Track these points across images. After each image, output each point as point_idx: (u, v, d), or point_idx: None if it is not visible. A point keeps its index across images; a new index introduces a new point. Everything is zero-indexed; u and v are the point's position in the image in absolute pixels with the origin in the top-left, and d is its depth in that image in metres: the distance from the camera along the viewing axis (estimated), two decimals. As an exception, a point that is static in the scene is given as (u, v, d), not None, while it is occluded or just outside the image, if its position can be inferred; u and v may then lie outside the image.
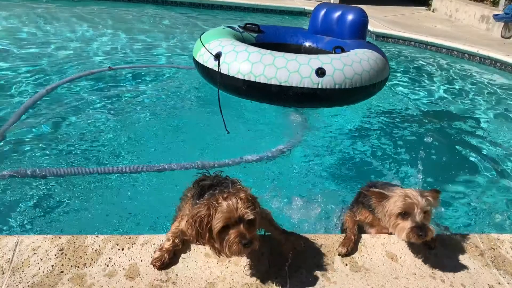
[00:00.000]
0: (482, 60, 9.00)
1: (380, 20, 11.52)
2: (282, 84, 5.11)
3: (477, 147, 5.25)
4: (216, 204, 1.92)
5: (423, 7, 14.81)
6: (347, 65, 5.28)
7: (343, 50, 5.77)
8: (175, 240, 2.26)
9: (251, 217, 1.93)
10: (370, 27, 10.41)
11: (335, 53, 5.72)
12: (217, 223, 1.90)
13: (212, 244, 1.97)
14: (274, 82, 5.12)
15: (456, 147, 5.22)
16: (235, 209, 1.90)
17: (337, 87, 5.18)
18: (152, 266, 2.18)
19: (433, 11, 14.23)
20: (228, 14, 11.95)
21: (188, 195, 2.32)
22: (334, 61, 5.25)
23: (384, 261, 2.38)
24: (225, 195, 1.95)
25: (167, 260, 2.19)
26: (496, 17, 10.83)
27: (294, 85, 5.10)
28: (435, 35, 10.25)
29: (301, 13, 12.44)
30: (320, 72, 5.10)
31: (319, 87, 5.12)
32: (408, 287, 2.21)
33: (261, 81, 5.14)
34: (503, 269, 2.37)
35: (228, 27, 6.45)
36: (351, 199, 2.96)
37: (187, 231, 2.07)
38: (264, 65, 5.13)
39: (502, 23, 10.84)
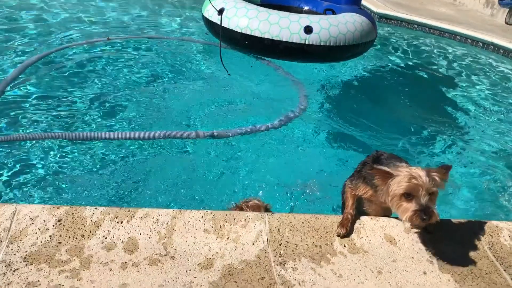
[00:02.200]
0: (486, 46, 8.91)
1: (383, 1, 11.33)
2: (274, 38, 5.75)
3: (475, 131, 5.28)
4: (247, 206, 2.79)
5: (428, -10, 14.58)
6: (333, 25, 5.85)
7: (334, 13, 6.37)
8: None
9: (270, 207, 2.90)
10: (373, 8, 10.30)
11: (325, 14, 6.36)
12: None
13: None
14: (267, 36, 5.75)
15: (455, 129, 5.26)
16: (263, 205, 2.83)
17: (322, 44, 5.79)
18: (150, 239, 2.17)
19: (437, -6, 14.01)
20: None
21: None
22: (322, 21, 5.85)
23: (383, 243, 2.38)
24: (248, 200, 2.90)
25: None
26: (502, 2, 10.68)
27: (284, 39, 5.73)
28: (439, 19, 10.12)
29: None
30: (308, 30, 5.70)
31: (306, 42, 5.74)
32: (405, 270, 2.22)
33: (256, 35, 5.80)
34: (500, 256, 2.39)
35: None
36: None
37: None
38: (259, 21, 5.77)
39: (507, 9, 10.71)
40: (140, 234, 2.21)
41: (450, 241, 2.44)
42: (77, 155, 3.76)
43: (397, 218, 2.46)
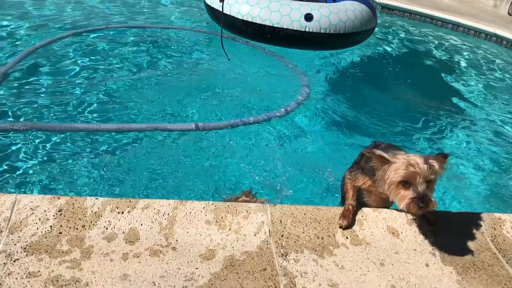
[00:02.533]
0: (488, 37, 8.85)
1: (386, -9, 11.23)
2: (275, 26, 5.85)
3: (478, 121, 5.27)
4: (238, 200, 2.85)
5: (430, -20, 14.44)
6: (333, 12, 5.94)
7: (334, 1, 6.43)
8: None
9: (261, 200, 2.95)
10: (375, -2, 10.23)
11: (326, 2, 6.39)
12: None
13: None
14: (268, 23, 5.86)
15: (458, 119, 5.25)
16: (252, 201, 2.85)
17: (322, 31, 5.88)
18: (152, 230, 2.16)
19: (440, -16, 13.90)
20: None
21: None
22: (322, 8, 5.94)
23: (385, 235, 2.37)
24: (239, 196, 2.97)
25: None
26: (505, -7, 10.62)
27: (285, 27, 5.83)
28: (441, 9, 10.05)
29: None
30: (308, 17, 5.79)
31: (307, 30, 5.83)
32: (408, 262, 2.21)
33: (257, 22, 5.89)
34: (503, 248, 2.38)
35: None
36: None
37: None
38: (260, 8, 5.87)
39: (510, 0, 10.64)
40: (141, 225, 2.19)
41: (452, 233, 2.42)
42: (77, 146, 3.73)
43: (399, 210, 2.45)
